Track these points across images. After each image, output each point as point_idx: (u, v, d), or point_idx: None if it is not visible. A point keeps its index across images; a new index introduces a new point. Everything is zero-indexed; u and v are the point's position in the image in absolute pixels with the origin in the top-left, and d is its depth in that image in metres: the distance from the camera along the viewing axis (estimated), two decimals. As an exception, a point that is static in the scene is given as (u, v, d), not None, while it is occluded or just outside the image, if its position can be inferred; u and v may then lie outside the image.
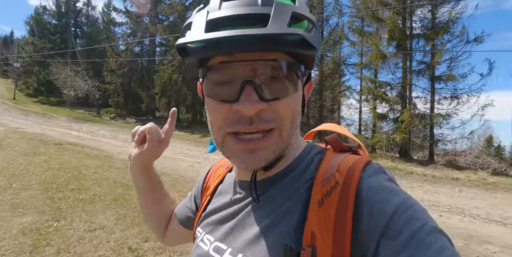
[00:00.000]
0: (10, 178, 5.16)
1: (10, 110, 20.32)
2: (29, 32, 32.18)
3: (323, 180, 0.47)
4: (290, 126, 0.47)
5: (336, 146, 0.55)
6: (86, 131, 14.86)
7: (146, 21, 24.59)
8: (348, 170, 0.46)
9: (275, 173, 0.53)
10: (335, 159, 0.50)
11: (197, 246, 0.58)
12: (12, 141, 8.06)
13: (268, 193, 0.52)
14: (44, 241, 3.26)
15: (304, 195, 0.48)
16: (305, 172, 0.51)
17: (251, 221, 0.51)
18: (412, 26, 13.28)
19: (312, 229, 0.43)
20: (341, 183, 0.45)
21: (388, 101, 13.25)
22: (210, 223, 0.59)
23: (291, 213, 0.47)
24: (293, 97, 0.46)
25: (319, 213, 0.44)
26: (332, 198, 0.44)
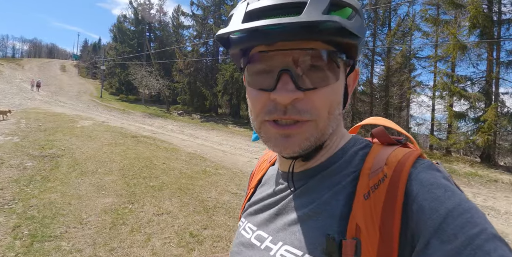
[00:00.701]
0: (96, 164, 5.98)
1: (97, 106, 23.42)
2: (113, 38, 36.58)
3: (370, 173, 0.45)
4: (327, 117, 0.46)
5: (383, 139, 0.53)
6: (158, 126, 16.35)
7: (211, 23, 25.88)
8: (398, 163, 0.44)
9: (317, 164, 0.52)
10: (383, 152, 0.48)
11: (239, 234, 0.60)
12: (99, 133, 9.29)
13: (309, 183, 0.52)
14: (121, 220, 3.71)
15: (348, 187, 0.47)
16: (349, 164, 0.50)
17: (292, 211, 0.51)
18: (501, 10, 11.51)
19: (357, 221, 0.42)
20: (389, 177, 0.43)
21: (468, 98, 11.73)
22: (252, 212, 0.61)
23: (333, 204, 0.46)
24: (332, 88, 0.45)
25: (365, 206, 0.43)
26: (379, 192, 0.43)
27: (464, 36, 11.88)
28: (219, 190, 5.09)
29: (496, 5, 11.46)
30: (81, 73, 50.30)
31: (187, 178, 5.59)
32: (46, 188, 4.66)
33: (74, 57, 66.42)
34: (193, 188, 5.07)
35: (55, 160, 6.11)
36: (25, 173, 5.32)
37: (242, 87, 22.20)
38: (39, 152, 6.55)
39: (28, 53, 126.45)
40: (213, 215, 4.05)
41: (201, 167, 6.57)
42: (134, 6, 33.81)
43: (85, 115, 15.01)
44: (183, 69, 25.66)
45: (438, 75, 13.80)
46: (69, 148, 7.06)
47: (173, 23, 31.73)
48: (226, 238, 3.43)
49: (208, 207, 4.28)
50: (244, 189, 4.19)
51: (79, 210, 3.91)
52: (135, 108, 25.48)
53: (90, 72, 50.87)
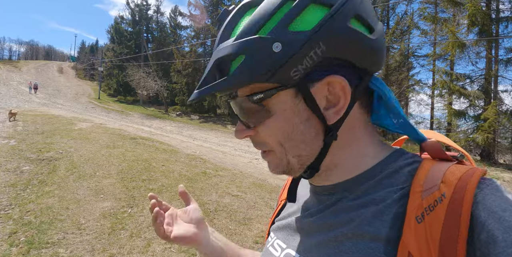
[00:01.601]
0: (95, 167, 5.90)
1: (95, 108, 23.31)
2: (110, 39, 36.46)
3: (422, 191, 0.39)
4: (282, 147, 0.45)
5: (436, 154, 0.46)
6: (156, 127, 16.27)
7: (208, 23, 25.82)
8: (459, 181, 0.38)
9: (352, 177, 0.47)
10: (437, 168, 0.41)
11: (267, 251, 0.56)
12: (97, 135, 9.20)
13: (345, 199, 0.46)
14: (120, 225, 3.64)
15: (394, 207, 0.41)
16: (393, 180, 0.44)
17: (326, 229, 0.46)
18: (499, 8, 11.49)
19: (409, 249, 0.36)
20: (448, 197, 0.37)
21: (468, 96, 11.71)
22: (281, 228, 0.56)
23: (377, 225, 0.40)
24: (268, 124, 0.44)
25: (417, 230, 0.37)
26: (436, 215, 0.37)
27: (463, 34, 11.86)
28: (220, 192, 5.02)
29: (494, 3, 11.45)
30: (78, 75, 50.15)
31: (187, 181, 5.52)
32: (43, 192, 4.58)
33: (72, 59, 66.18)
34: (193, 190, 5.00)
35: (52, 164, 6.03)
36: (22, 177, 5.24)
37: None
38: (36, 156, 6.47)
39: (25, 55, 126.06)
40: (214, 218, 3.98)
41: (200, 169, 6.50)
42: (131, 7, 33.70)
43: (83, 117, 14.92)
44: (181, 69, 25.59)
45: (437, 74, 13.79)
46: (67, 151, 6.98)
47: (171, 24, 31.65)
48: (227, 242, 3.36)
49: (209, 210, 4.21)
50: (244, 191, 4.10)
51: (77, 215, 3.83)
52: (133, 110, 25.39)
53: (88, 73, 50.74)
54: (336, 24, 0.39)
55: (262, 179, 6.28)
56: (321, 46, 0.39)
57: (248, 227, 3.80)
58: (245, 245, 3.33)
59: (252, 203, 4.66)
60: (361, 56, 0.42)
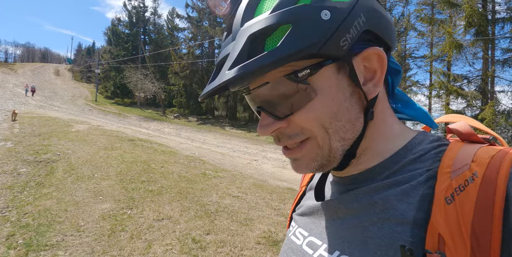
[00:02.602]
0: (93, 169, 5.83)
1: (92, 110, 23.19)
2: (107, 41, 36.42)
3: (452, 171, 0.37)
4: (325, 132, 0.41)
5: (465, 136, 0.44)
6: (154, 129, 16.20)
7: (206, 25, 25.84)
8: (492, 160, 0.36)
9: (373, 165, 0.45)
10: (468, 149, 0.40)
11: (289, 240, 0.54)
12: (94, 137, 9.12)
13: (366, 185, 0.44)
14: (120, 226, 3.58)
15: (421, 187, 0.39)
16: (418, 162, 0.42)
17: (349, 215, 0.44)
18: (495, 9, 11.59)
19: (439, 230, 0.34)
20: (481, 176, 0.35)
21: (465, 96, 11.78)
22: (303, 216, 0.55)
23: (403, 208, 0.38)
24: (312, 105, 0.40)
25: (447, 212, 0.35)
26: (467, 195, 0.35)
27: (460, 35, 11.95)
28: (220, 193, 4.98)
29: (490, 4, 11.54)
30: (75, 77, 49.95)
31: (187, 182, 5.47)
32: (41, 194, 4.52)
33: (68, 61, 66.02)
34: (193, 192, 4.95)
35: (50, 166, 5.96)
36: (19, 179, 5.17)
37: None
38: (33, 158, 6.39)
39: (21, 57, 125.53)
40: (215, 219, 3.94)
41: (200, 170, 6.45)
42: (129, 9, 33.65)
43: (80, 119, 14.81)
44: (179, 71, 25.55)
45: (434, 74, 13.86)
46: (65, 153, 6.90)
47: (168, 26, 31.64)
48: (230, 243, 3.32)
49: (209, 211, 4.17)
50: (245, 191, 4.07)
51: (76, 217, 3.77)
52: (130, 112, 25.28)
53: (85, 76, 50.56)
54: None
55: (262, 180, 6.25)
56: (362, 17, 0.39)
57: (249, 227, 3.76)
58: (247, 246, 3.29)
59: (253, 203, 4.62)
60: (386, 29, 0.43)
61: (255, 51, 0.37)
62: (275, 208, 4.53)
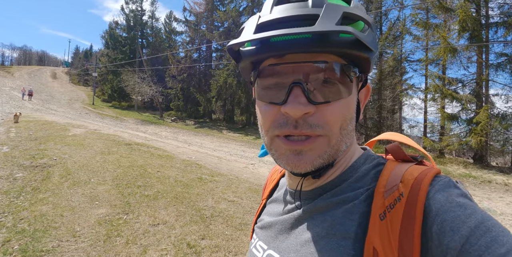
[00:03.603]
0: (89, 174, 5.84)
1: (89, 114, 23.14)
2: (104, 45, 36.37)
3: (384, 191, 0.43)
4: (340, 132, 0.44)
5: (398, 155, 0.50)
6: (151, 133, 16.19)
7: (203, 29, 25.94)
8: (414, 181, 0.42)
9: (326, 182, 0.50)
10: (398, 169, 0.46)
11: (251, 253, 0.58)
12: (91, 141, 9.13)
13: (319, 202, 0.49)
14: (116, 232, 3.60)
15: (361, 206, 0.44)
16: (360, 182, 0.48)
17: (303, 230, 0.49)
18: (488, 14, 11.75)
19: (374, 244, 0.40)
20: (406, 196, 0.41)
21: (460, 100, 11.89)
22: (263, 229, 0.59)
23: (347, 224, 0.44)
24: (344, 102, 0.44)
25: (381, 227, 0.40)
26: (396, 212, 0.40)
27: (454, 39, 12.09)
28: (216, 198, 5.01)
29: (483, 9, 11.70)
30: (72, 80, 49.81)
31: (183, 186, 5.50)
32: (37, 199, 4.52)
33: (65, 64, 65.86)
34: (189, 196, 4.97)
35: (46, 170, 5.96)
36: (15, 184, 5.17)
37: (235, 93, 22.20)
38: (29, 162, 6.39)
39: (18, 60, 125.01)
40: (210, 224, 3.96)
41: (196, 175, 6.47)
42: (126, 13, 33.72)
43: (77, 123, 14.79)
44: (176, 75, 25.59)
45: (430, 78, 13.99)
46: (61, 157, 6.91)
47: (166, 29, 31.71)
48: (224, 248, 3.35)
49: (205, 216, 4.19)
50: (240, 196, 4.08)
51: (72, 222, 3.79)
52: (128, 115, 25.24)
53: (82, 79, 50.41)
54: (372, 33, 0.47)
55: (258, 184, 6.28)
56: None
57: (244, 232, 3.79)
58: (242, 251, 3.32)
59: (248, 208, 4.65)
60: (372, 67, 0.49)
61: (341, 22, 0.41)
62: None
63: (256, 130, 20.91)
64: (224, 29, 23.77)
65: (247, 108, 22.61)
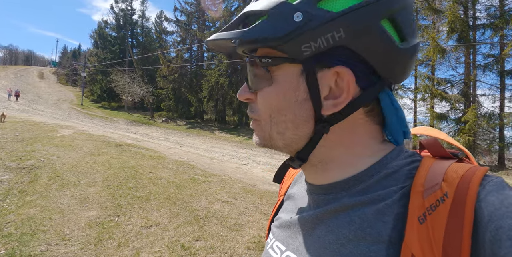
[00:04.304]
0: (79, 175, 5.70)
1: (78, 114, 22.70)
2: (93, 44, 35.83)
3: (424, 191, 0.38)
4: (268, 120, 0.46)
5: (436, 151, 0.45)
6: (142, 133, 15.96)
7: (194, 28, 25.78)
8: (461, 180, 0.37)
9: (348, 176, 0.45)
10: (438, 166, 0.41)
11: (266, 253, 0.54)
12: (80, 142, 8.92)
13: (344, 201, 0.44)
14: (107, 234, 3.51)
15: (395, 207, 0.39)
16: (391, 179, 0.42)
17: (326, 231, 0.44)
18: (476, 16, 12.01)
19: (412, 251, 0.35)
20: (451, 196, 0.36)
21: (449, 99, 12.11)
22: (280, 229, 0.54)
23: (379, 227, 0.39)
24: (266, 92, 0.45)
25: (420, 231, 0.36)
26: (438, 215, 0.36)
27: (443, 40, 12.31)
28: (209, 198, 4.94)
29: (471, 11, 11.95)
30: (60, 81, 48.85)
31: (175, 187, 5.41)
32: (24, 202, 4.38)
33: (53, 64, 64.54)
34: (182, 197, 4.90)
35: (34, 172, 5.79)
36: (1, 186, 5.00)
37: (227, 93, 22.13)
38: (16, 164, 6.20)
39: (3, 60, 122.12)
40: (204, 225, 3.90)
41: (189, 175, 6.39)
42: (116, 12, 33.27)
43: (65, 123, 14.48)
44: (167, 75, 25.34)
45: (419, 78, 14.21)
46: (49, 158, 6.72)
47: (156, 29, 31.39)
48: (219, 249, 3.29)
49: (199, 217, 4.13)
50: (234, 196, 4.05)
51: (61, 225, 3.67)
52: (118, 116, 24.87)
53: (70, 79, 49.50)
54: (365, 16, 0.38)
55: (252, 184, 6.24)
56: (340, 32, 0.38)
57: (239, 233, 3.74)
58: (238, 252, 3.28)
59: (242, 208, 4.60)
60: (379, 60, 0.41)
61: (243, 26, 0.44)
62: (265, 212, 4.53)
63: (248, 131, 20.87)
64: (216, 29, 23.67)
65: (239, 108, 22.55)
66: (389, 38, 0.40)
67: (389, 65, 0.42)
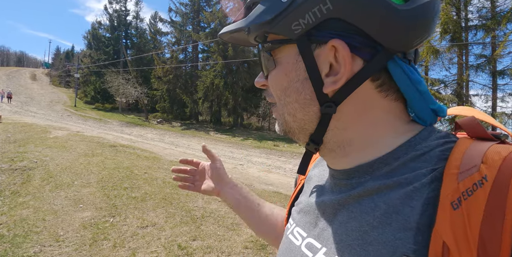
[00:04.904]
0: (73, 176, 5.61)
1: (71, 116, 22.46)
2: (87, 45, 35.53)
3: (459, 173, 0.34)
4: (280, 102, 0.47)
5: (475, 132, 0.40)
6: (137, 135, 15.84)
7: (189, 29, 25.72)
8: (504, 162, 0.33)
9: (372, 159, 0.42)
10: (477, 147, 0.36)
11: (287, 239, 0.52)
12: (74, 143, 8.81)
13: (367, 185, 0.41)
14: (102, 235, 3.45)
15: (424, 191, 0.36)
16: (420, 161, 0.39)
17: (350, 217, 0.42)
18: (468, 17, 12.18)
19: (444, 238, 0.32)
20: (491, 180, 0.32)
21: (442, 99, 12.23)
22: (301, 214, 0.52)
23: (406, 212, 0.36)
24: (272, 74, 0.46)
25: (453, 217, 0.32)
26: (475, 200, 0.32)
27: (436, 41, 12.44)
28: (206, 198, 4.90)
29: (463, 12, 12.11)
30: (53, 82, 48.35)
31: (171, 187, 5.36)
32: (16, 203, 4.30)
33: (45, 65, 63.82)
34: (178, 197, 4.85)
35: (26, 173, 5.69)
36: (-7, 188, 4.90)
37: (222, 94, 22.09)
38: (8, 166, 6.09)
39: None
40: (201, 225, 3.87)
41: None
42: (110, 13, 33.05)
43: (59, 125, 14.30)
44: (162, 76, 25.20)
45: (413, 79, 14.33)
46: (42, 160, 6.62)
47: (151, 30, 31.25)
48: (217, 249, 3.26)
49: (195, 217, 4.09)
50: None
51: (55, 226, 3.61)
52: (112, 117, 24.66)
53: (63, 80, 49.03)
54: None
55: (248, 184, 6.21)
56: (327, 3, 0.37)
57: (236, 232, 3.71)
58: (235, 251, 3.25)
59: (239, 208, 4.58)
60: (377, 26, 0.37)
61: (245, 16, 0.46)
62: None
63: (244, 131, 20.86)
64: (211, 30, 23.63)
65: (235, 109, 22.51)
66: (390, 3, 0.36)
67: (391, 31, 0.37)
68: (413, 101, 0.41)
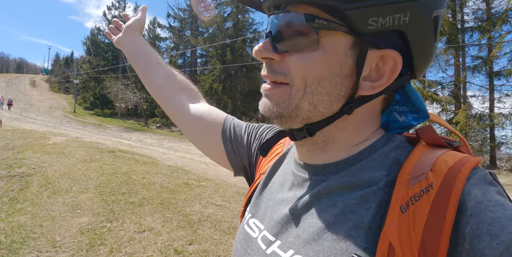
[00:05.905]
0: (71, 182, 5.63)
1: (71, 122, 22.50)
2: (86, 51, 35.71)
3: (410, 179, 0.37)
4: (303, 86, 0.41)
5: (430, 139, 0.42)
6: (135, 140, 15.86)
7: (188, 34, 25.89)
8: (449, 171, 0.36)
9: (339, 159, 0.45)
10: (429, 155, 0.39)
11: (242, 230, 0.53)
12: (72, 149, 8.83)
13: (329, 184, 0.43)
14: (99, 240, 3.46)
15: (379, 194, 0.39)
16: (379, 165, 0.41)
17: (308, 213, 0.44)
18: (464, 19, 12.28)
19: (390, 239, 0.34)
20: (436, 187, 0.35)
21: (439, 101, 12.29)
22: (259, 206, 0.53)
23: (361, 213, 0.38)
24: (307, 57, 0.40)
25: (401, 221, 0.35)
26: (421, 205, 0.35)
27: (432, 43, 12.55)
28: (203, 203, 4.92)
29: (459, 14, 12.22)
30: (52, 88, 48.47)
31: (169, 192, 5.37)
32: (14, 210, 4.31)
33: (45, 72, 64.01)
34: (175, 202, 4.86)
35: (24, 180, 5.71)
36: (-9, 195, 4.91)
37: (221, 98, 22.16)
38: (6, 172, 6.11)
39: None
40: (198, 229, 3.88)
41: (183, 180, 6.35)
42: (108, 19, 33.29)
43: (58, 131, 14.33)
44: (161, 81, 25.27)
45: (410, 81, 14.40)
46: (40, 166, 6.64)
47: (149, 35, 31.44)
48: (213, 253, 3.27)
49: (192, 221, 4.10)
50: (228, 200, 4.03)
51: (52, 232, 3.62)
52: (111, 122, 24.70)
53: (63, 86, 49.18)
54: (425, 8, 0.39)
55: (246, 188, 6.19)
56: (407, 16, 0.37)
57: (233, 236, 3.72)
58: (231, 255, 3.26)
59: (236, 212, 4.59)
60: (420, 52, 0.41)
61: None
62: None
63: (243, 135, 20.84)
64: (209, 35, 23.79)
65: (233, 113, 22.53)
66: (435, 33, 0.41)
67: (425, 59, 0.42)
68: (413, 113, 0.49)
